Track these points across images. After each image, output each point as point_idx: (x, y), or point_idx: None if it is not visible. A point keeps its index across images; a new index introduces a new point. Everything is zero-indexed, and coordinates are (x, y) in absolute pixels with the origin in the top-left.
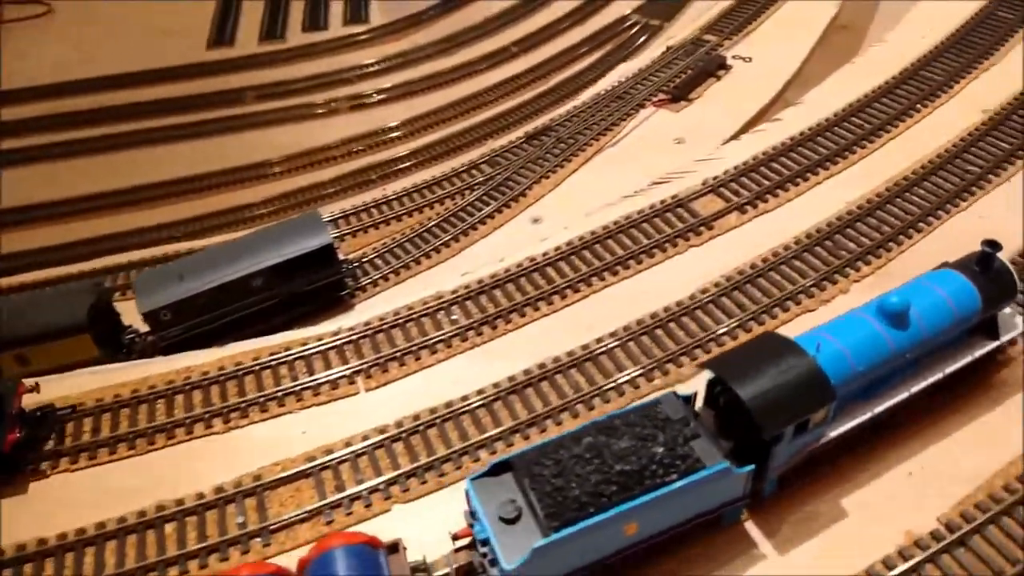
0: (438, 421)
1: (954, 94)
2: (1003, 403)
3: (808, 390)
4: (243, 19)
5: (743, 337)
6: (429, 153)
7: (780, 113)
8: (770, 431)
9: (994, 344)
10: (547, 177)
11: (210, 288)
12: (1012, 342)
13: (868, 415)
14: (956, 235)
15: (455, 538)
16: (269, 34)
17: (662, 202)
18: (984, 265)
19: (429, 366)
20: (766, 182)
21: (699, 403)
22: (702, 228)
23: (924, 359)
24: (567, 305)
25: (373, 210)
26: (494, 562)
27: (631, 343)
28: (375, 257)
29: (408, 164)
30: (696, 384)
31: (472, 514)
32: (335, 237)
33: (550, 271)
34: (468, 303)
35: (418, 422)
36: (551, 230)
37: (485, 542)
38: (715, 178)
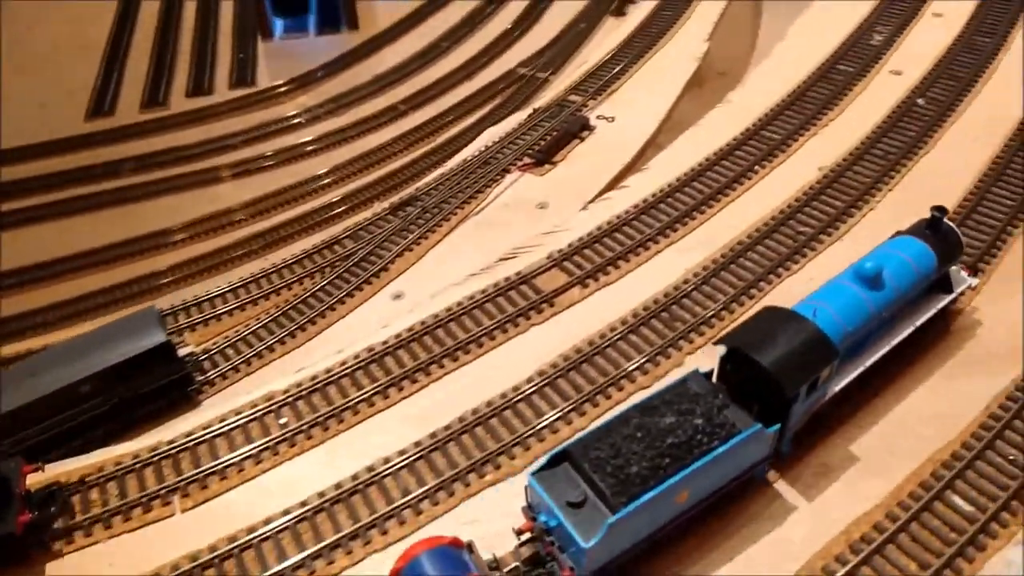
0: (255, 542)
1: (793, 152)
2: (963, 346)
3: (815, 351)
4: (124, 88)
5: (577, 421)
6: (306, 223)
7: (627, 180)
8: (791, 391)
9: (950, 297)
10: (410, 250)
11: (39, 397)
12: (962, 293)
13: (858, 370)
14: (788, 301)
15: (519, 533)
16: (151, 101)
17: (506, 279)
18: (934, 229)
19: (253, 477)
20: (608, 253)
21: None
22: (544, 305)
23: (896, 316)
24: (404, 398)
25: (228, 295)
26: (566, 546)
27: (464, 436)
28: (227, 346)
29: (286, 234)
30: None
31: (531, 507)
32: (188, 325)
33: (389, 361)
34: (300, 403)
35: (234, 544)
36: (412, 305)
37: (550, 531)
38: (559, 251)
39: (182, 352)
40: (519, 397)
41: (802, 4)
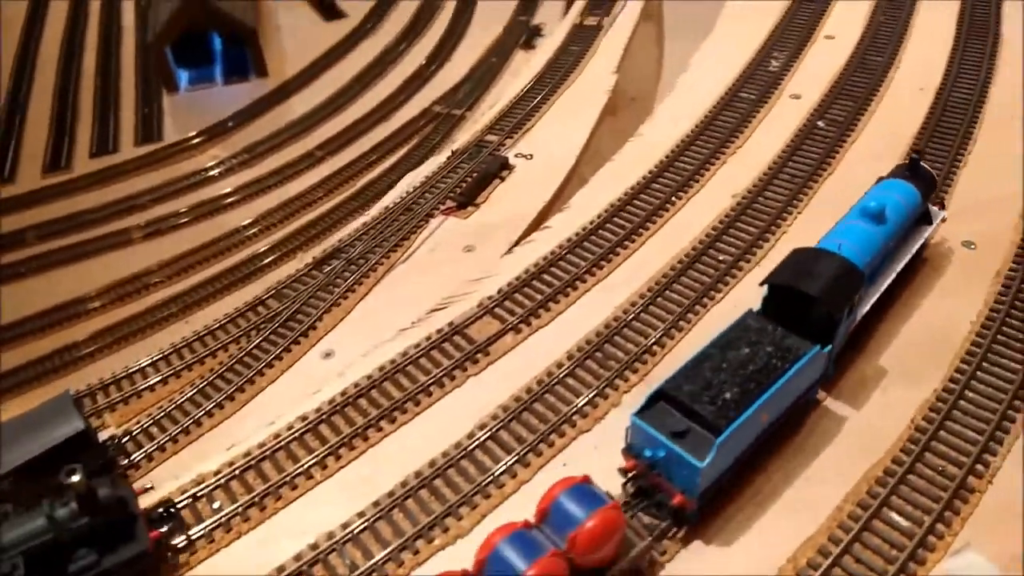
0: None
1: (706, 181)
2: (946, 269)
3: (849, 278)
4: (23, 153)
5: (521, 473)
6: (227, 280)
7: (550, 220)
8: (837, 314)
9: (932, 227)
10: (338, 304)
11: None
12: (942, 221)
13: (876, 295)
14: (716, 328)
15: (625, 472)
16: (53, 165)
17: (438, 331)
18: (913, 170)
19: (186, 570)
20: (538, 296)
21: None
22: (479, 355)
23: (896, 247)
24: (343, 466)
25: (149, 369)
26: (674, 474)
27: (409, 501)
28: (151, 425)
29: (207, 294)
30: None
31: (631, 448)
32: (107, 405)
33: (324, 429)
34: (233, 483)
35: None
36: (343, 365)
37: (655, 464)
38: (489, 298)
39: (102, 437)
40: (461, 454)
41: (702, 26)
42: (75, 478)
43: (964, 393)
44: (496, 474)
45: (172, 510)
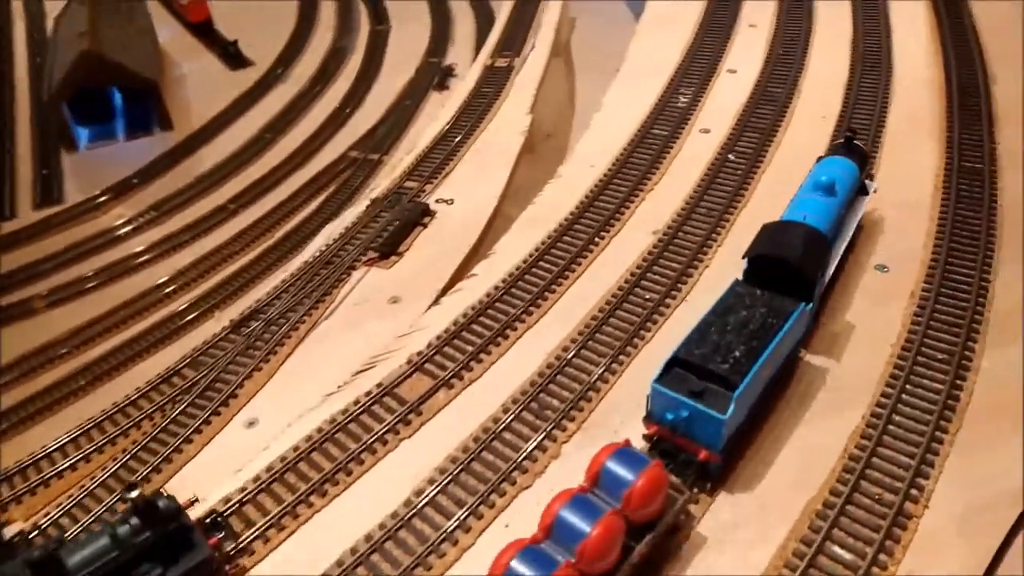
0: None
1: (626, 219)
2: (862, 294)
3: (817, 243)
4: None
5: (463, 539)
6: (134, 349)
7: (475, 267)
8: (812, 276)
9: (868, 197)
10: (259, 369)
11: None
12: (875, 191)
13: (837, 258)
14: (650, 370)
15: (648, 438)
16: None
17: (367, 394)
18: (848, 147)
19: None
20: (468, 348)
21: None
22: (411, 415)
23: (844, 216)
24: (273, 548)
25: (56, 455)
26: (697, 432)
27: None
28: (61, 515)
29: (117, 362)
30: None
31: (652, 414)
32: (13, 497)
33: (250, 510)
34: None
35: None
36: (268, 438)
37: (676, 425)
38: (418, 354)
39: (8, 533)
40: (398, 525)
41: (610, 59)
42: (135, 492)
43: (892, 417)
44: (437, 542)
45: (219, 519)
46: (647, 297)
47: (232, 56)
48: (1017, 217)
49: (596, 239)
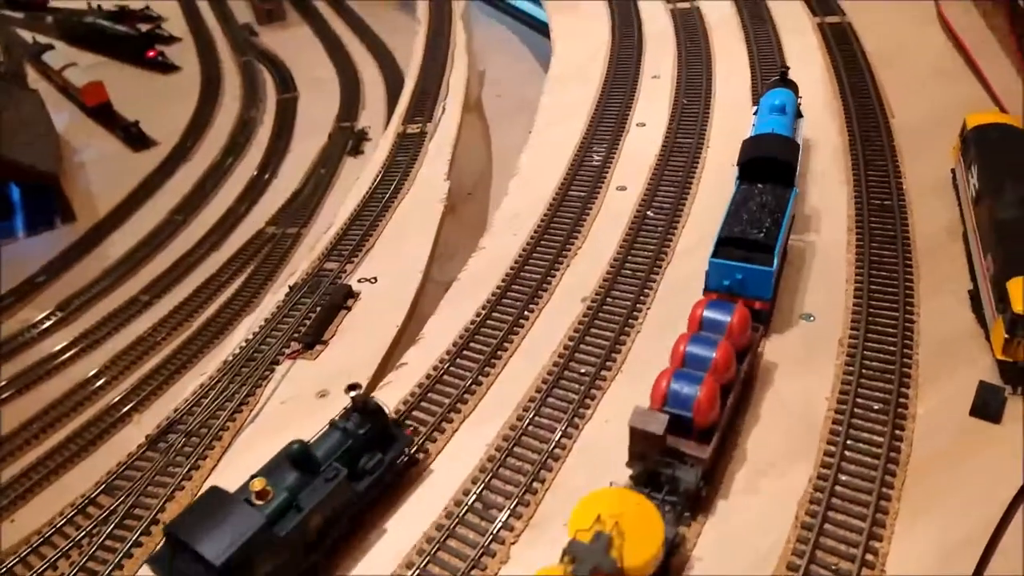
0: None
1: (555, 288)
2: (804, 281)
3: (790, 144)
4: None
5: None
6: (40, 472)
7: (405, 356)
8: (795, 163)
9: (803, 119)
10: (181, 488)
11: None
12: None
13: (800, 157)
14: (595, 450)
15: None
16: None
17: None
18: (784, 81)
19: None
20: None
21: None
22: None
23: (794, 132)
24: None
25: None
26: (747, 290)
27: None
28: None
29: (23, 490)
30: None
31: (709, 285)
32: None
33: None
34: None
35: None
36: None
37: (731, 289)
38: None
39: None
40: None
41: (523, 111)
42: (355, 393)
43: (838, 478)
44: None
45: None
46: (583, 371)
47: (135, 137)
48: (929, 250)
49: (526, 312)
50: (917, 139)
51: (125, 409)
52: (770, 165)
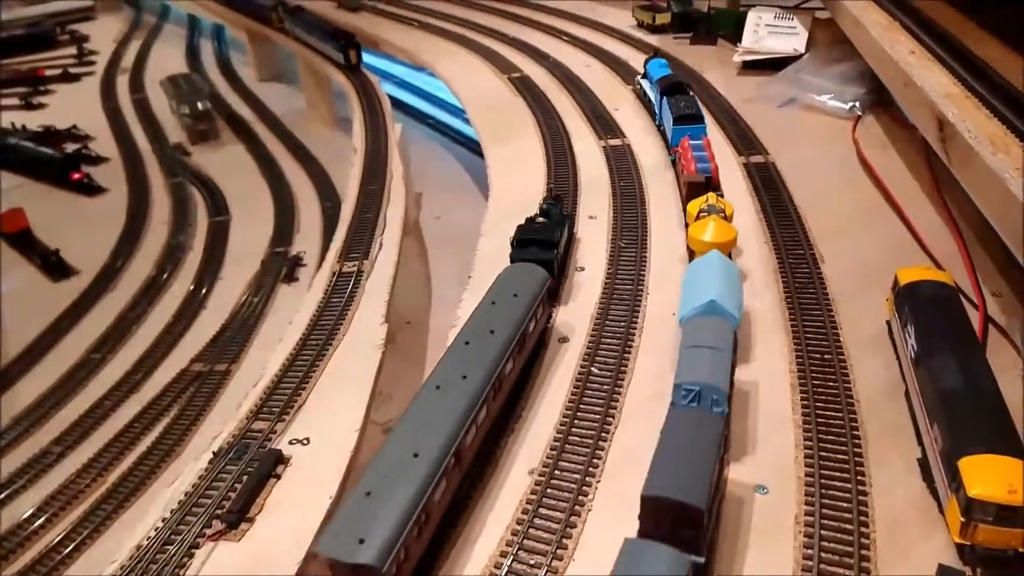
0: None
1: (501, 457)
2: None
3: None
4: None
5: None
6: None
7: None
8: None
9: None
10: None
11: None
12: None
13: None
14: None
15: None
16: None
17: None
18: (655, 56)
19: None
20: None
21: None
22: None
23: None
24: None
25: None
26: None
27: None
28: None
29: None
30: None
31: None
32: None
33: None
34: None
35: None
36: None
37: None
38: None
39: None
40: None
41: (463, 236)
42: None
43: None
44: None
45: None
46: (532, 563)
47: (54, 266)
48: (873, 410)
49: (474, 484)
50: (849, 286)
51: None
52: (680, 90)
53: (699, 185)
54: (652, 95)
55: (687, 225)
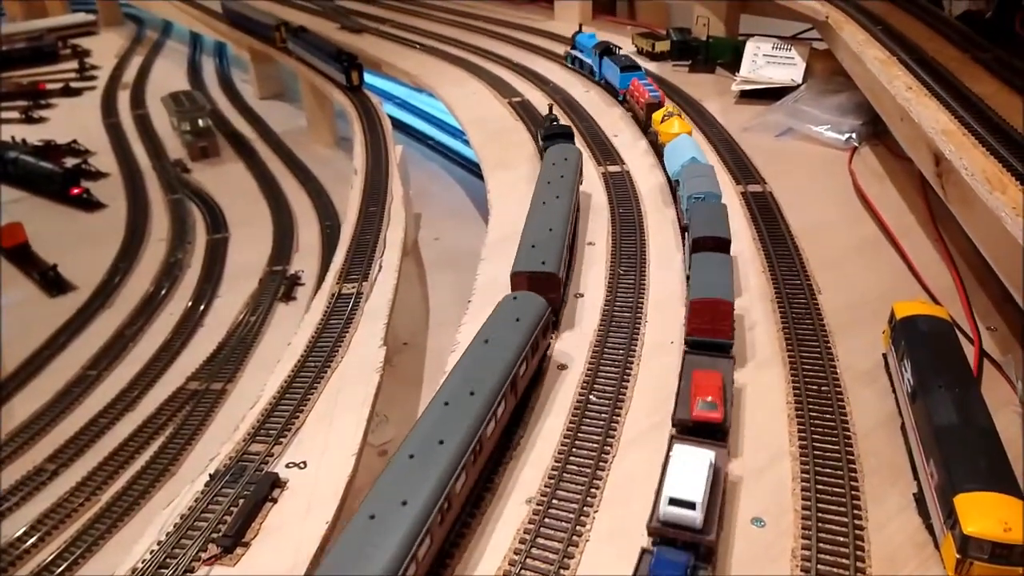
0: None
1: (498, 487)
2: (750, 482)
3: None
4: None
5: None
6: None
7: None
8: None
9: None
10: None
11: None
12: None
13: None
14: None
15: None
16: None
17: None
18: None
19: None
20: None
21: None
22: None
23: None
24: None
25: None
26: None
27: None
28: None
29: None
30: None
31: None
32: None
33: None
34: None
35: None
36: None
37: None
38: None
39: None
40: None
41: (462, 257)
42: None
43: None
44: None
45: None
46: None
47: (51, 282)
48: (870, 443)
49: (468, 518)
50: (845, 318)
51: None
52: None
53: (655, 104)
54: (589, 59)
55: (647, 130)
